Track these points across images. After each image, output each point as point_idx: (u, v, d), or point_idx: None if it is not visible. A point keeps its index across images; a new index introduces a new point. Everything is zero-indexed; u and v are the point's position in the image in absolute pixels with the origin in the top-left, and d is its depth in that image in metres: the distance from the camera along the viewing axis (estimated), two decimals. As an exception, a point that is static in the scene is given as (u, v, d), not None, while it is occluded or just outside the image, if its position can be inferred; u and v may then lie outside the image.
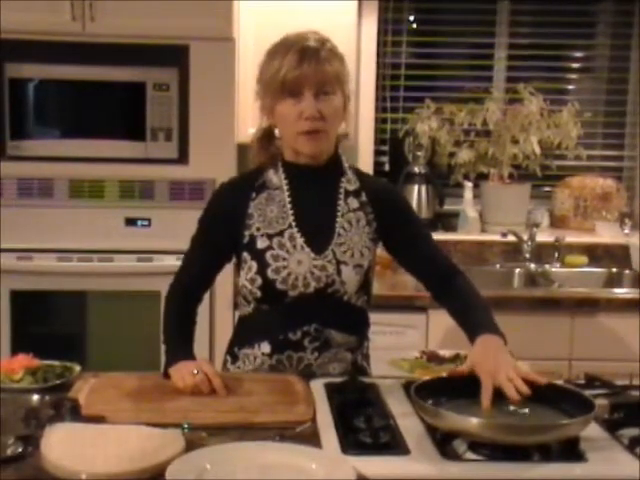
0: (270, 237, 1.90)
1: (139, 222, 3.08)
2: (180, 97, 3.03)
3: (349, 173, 1.98)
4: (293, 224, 1.91)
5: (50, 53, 2.97)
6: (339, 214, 1.93)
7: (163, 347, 1.96)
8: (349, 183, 1.97)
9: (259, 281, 1.90)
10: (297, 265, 1.88)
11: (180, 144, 3.06)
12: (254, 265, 1.90)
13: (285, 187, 1.94)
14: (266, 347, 1.94)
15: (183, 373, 1.78)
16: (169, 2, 2.94)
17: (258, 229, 1.91)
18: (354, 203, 1.96)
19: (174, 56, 3.00)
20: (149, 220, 3.07)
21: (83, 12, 2.92)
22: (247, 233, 1.92)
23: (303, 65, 1.82)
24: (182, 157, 3.06)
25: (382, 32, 3.80)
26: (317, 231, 1.91)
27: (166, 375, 1.83)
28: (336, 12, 3.26)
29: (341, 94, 1.89)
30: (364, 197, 1.97)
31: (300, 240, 1.90)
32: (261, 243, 1.90)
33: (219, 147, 3.04)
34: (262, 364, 1.95)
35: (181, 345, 1.93)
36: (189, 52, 3.00)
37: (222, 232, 1.96)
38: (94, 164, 3.04)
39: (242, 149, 3.19)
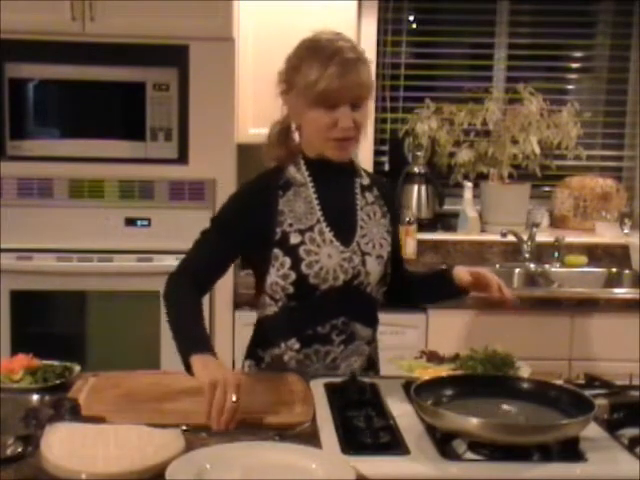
0: (302, 232, 1.92)
1: (139, 222, 3.08)
2: (180, 97, 3.03)
3: (360, 169, 2.06)
4: (321, 219, 1.94)
5: (50, 53, 2.97)
6: (359, 207, 1.99)
7: (172, 335, 1.78)
8: (362, 178, 2.04)
9: (293, 276, 1.91)
10: (327, 259, 1.91)
11: (180, 144, 3.06)
12: (287, 261, 1.91)
13: (310, 184, 1.96)
14: (295, 344, 1.95)
15: (213, 376, 1.58)
16: (169, 2, 2.94)
17: (290, 225, 1.93)
18: (370, 197, 2.03)
19: (174, 56, 3.00)
20: (149, 220, 3.07)
21: (83, 12, 2.92)
22: (279, 230, 1.92)
23: (343, 80, 1.83)
24: (182, 157, 3.06)
25: (382, 32, 3.80)
26: (342, 225, 1.96)
27: (187, 366, 1.67)
28: (336, 12, 3.25)
29: (371, 100, 1.94)
30: (376, 192, 2.04)
31: (329, 234, 1.93)
32: (294, 239, 1.92)
33: (219, 147, 3.04)
34: (290, 360, 1.96)
35: (199, 335, 1.77)
36: (189, 52, 3.00)
37: (245, 231, 1.93)
38: (94, 164, 3.04)
39: (242, 149, 3.19)
